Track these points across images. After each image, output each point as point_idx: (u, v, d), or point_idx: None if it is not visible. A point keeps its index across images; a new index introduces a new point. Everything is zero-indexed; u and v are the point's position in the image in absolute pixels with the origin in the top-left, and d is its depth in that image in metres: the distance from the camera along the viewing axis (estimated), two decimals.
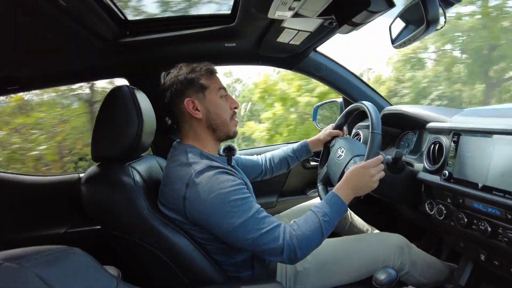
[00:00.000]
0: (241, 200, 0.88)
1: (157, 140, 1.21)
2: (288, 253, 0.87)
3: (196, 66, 1.03)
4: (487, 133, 0.90)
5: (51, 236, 1.48)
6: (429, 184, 1.09)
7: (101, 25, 1.06)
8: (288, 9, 0.90)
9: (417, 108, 1.31)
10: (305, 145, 1.43)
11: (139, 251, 0.94)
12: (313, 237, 0.90)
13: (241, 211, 0.87)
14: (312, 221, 0.92)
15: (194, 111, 1.00)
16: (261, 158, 1.42)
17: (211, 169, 0.91)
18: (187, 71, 1.01)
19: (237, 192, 0.89)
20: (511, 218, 0.81)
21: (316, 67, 1.62)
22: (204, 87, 1.01)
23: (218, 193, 0.87)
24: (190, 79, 1.00)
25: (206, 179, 0.88)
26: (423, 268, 1.12)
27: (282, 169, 1.43)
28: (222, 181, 0.89)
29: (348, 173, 1.01)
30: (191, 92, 1.00)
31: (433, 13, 0.83)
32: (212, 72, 1.04)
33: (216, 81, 1.04)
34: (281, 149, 1.45)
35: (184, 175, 0.91)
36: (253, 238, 0.86)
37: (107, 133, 0.99)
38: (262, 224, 0.88)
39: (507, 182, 0.81)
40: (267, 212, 0.93)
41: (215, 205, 0.86)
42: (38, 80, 1.46)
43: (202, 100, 1.01)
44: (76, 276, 0.58)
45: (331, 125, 1.44)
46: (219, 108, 1.03)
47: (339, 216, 0.96)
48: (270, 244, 0.86)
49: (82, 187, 0.97)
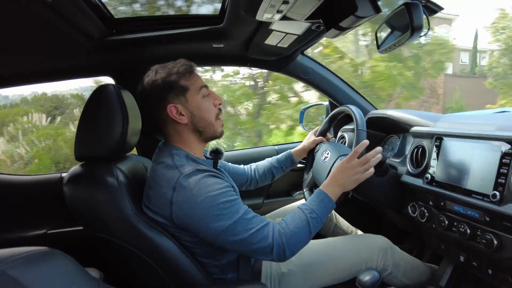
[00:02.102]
0: (229, 202, 0.88)
1: (142, 140, 1.20)
2: (277, 251, 0.87)
3: (172, 67, 0.97)
4: (467, 138, 0.93)
5: (31, 237, 1.43)
6: (412, 187, 1.11)
7: (87, 23, 1.04)
8: (276, 11, 0.90)
9: (402, 112, 1.34)
10: (290, 155, 1.43)
11: (122, 253, 0.93)
12: (301, 234, 0.90)
13: (230, 213, 0.86)
14: (299, 219, 0.92)
15: (179, 116, 0.96)
16: (247, 168, 1.41)
17: (199, 173, 0.89)
18: (164, 75, 0.95)
19: (225, 194, 0.88)
20: (489, 221, 0.83)
21: (304, 70, 1.63)
22: (185, 89, 0.96)
23: (206, 196, 0.86)
24: (168, 83, 0.95)
25: (193, 183, 0.87)
26: (406, 269, 1.14)
27: (266, 179, 1.43)
28: (209, 184, 0.88)
29: (333, 171, 1.02)
30: (172, 96, 0.95)
31: (418, 20, 0.85)
32: (190, 71, 0.99)
33: (196, 80, 1.00)
34: (266, 160, 1.45)
35: (171, 178, 0.89)
36: (242, 239, 0.86)
37: (91, 132, 0.97)
38: (251, 224, 0.87)
39: (486, 185, 0.83)
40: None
41: (203, 208, 0.85)
42: (21, 77, 1.42)
43: (185, 104, 0.97)
44: (56, 278, 0.57)
45: (314, 131, 1.47)
46: (203, 110, 0.99)
47: (326, 213, 0.96)
48: (260, 243, 0.86)
49: (65, 187, 0.95)
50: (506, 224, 0.79)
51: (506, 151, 0.80)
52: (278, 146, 1.85)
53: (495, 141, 0.84)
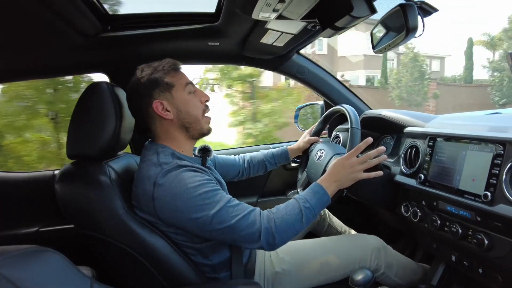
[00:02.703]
0: (211, 192, 0.87)
1: (136, 137, 1.19)
2: (266, 236, 0.86)
3: (158, 65, 0.98)
4: (460, 139, 0.94)
5: (23, 235, 1.42)
6: (405, 187, 1.11)
7: (82, 19, 1.03)
8: (272, 10, 0.90)
9: (396, 112, 1.35)
10: (285, 151, 1.44)
11: (114, 252, 0.92)
12: (292, 221, 0.90)
13: (213, 202, 0.86)
14: (292, 206, 0.92)
15: (164, 112, 0.96)
16: (238, 158, 1.42)
17: (179, 168, 0.89)
18: (150, 72, 0.96)
19: (205, 185, 0.88)
20: (480, 221, 0.84)
21: (299, 69, 1.63)
22: (170, 86, 0.97)
23: (186, 187, 0.86)
24: (153, 80, 0.95)
25: (173, 176, 0.87)
26: (398, 269, 1.15)
27: (259, 171, 1.44)
28: (190, 176, 0.88)
29: (330, 167, 1.03)
30: (157, 93, 0.96)
31: (413, 21, 0.85)
32: (175, 69, 1.00)
33: (182, 77, 1.00)
34: (261, 152, 1.46)
35: (152, 174, 0.89)
36: (229, 226, 0.85)
37: (84, 130, 0.96)
38: (237, 211, 0.87)
39: (478, 186, 0.84)
40: None
41: (185, 200, 0.85)
42: (14, 74, 1.41)
43: (171, 100, 0.97)
44: (48, 276, 0.56)
45: (309, 131, 1.47)
46: (189, 106, 0.99)
47: (320, 204, 0.96)
48: (247, 229, 0.86)
49: (57, 185, 0.94)
50: (497, 224, 0.80)
51: (497, 152, 0.81)
52: (273, 145, 1.85)
53: (487, 142, 0.85)
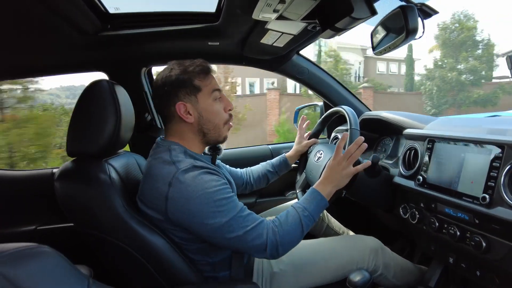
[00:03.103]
0: (226, 200, 0.87)
1: (135, 137, 1.19)
2: (271, 249, 0.88)
3: (189, 65, 0.96)
4: (459, 141, 0.94)
5: (21, 233, 1.41)
6: (404, 188, 1.12)
7: (82, 18, 1.03)
8: (273, 11, 0.90)
9: (395, 114, 1.35)
10: (284, 159, 1.44)
11: (113, 250, 0.92)
12: (294, 232, 0.91)
13: (226, 210, 0.86)
14: (292, 217, 0.93)
15: (186, 115, 0.95)
16: (242, 172, 1.41)
17: (195, 169, 0.89)
18: (180, 71, 0.95)
19: (222, 191, 0.88)
20: (478, 223, 0.85)
21: (299, 70, 1.63)
22: (197, 89, 0.96)
23: (203, 192, 0.85)
24: (182, 80, 0.94)
25: (190, 179, 0.87)
26: (396, 270, 1.15)
27: (261, 184, 1.43)
28: (206, 181, 0.87)
29: (324, 170, 1.03)
30: (183, 94, 0.95)
31: (413, 23, 0.85)
32: (206, 72, 0.98)
33: (211, 82, 0.99)
34: (260, 164, 1.45)
35: (167, 174, 0.88)
36: (238, 236, 0.86)
37: (84, 128, 0.96)
38: (247, 222, 0.88)
39: (476, 188, 0.84)
40: None
41: (199, 204, 0.85)
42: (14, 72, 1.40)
43: (195, 104, 0.96)
44: (45, 275, 0.56)
45: (306, 135, 1.47)
46: (212, 114, 0.99)
47: (319, 210, 0.96)
48: (255, 241, 0.87)
49: (56, 183, 0.93)
50: (495, 227, 0.80)
51: (496, 155, 0.81)
52: (272, 146, 1.85)
53: (486, 145, 0.85)
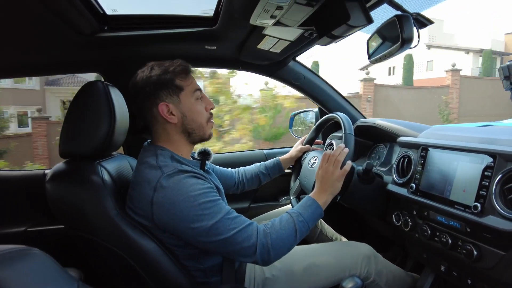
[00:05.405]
0: (211, 203, 0.87)
1: (129, 139, 1.18)
2: (261, 252, 0.86)
3: (169, 65, 0.95)
4: (452, 149, 0.95)
5: (9, 235, 1.39)
6: (397, 196, 1.12)
7: (79, 18, 1.02)
8: (270, 17, 0.90)
9: (390, 122, 1.36)
10: (278, 162, 1.43)
11: (104, 253, 0.91)
12: (287, 236, 0.90)
13: (212, 213, 0.85)
14: (286, 221, 0.92)
15: (169, 115, 0.95)
16: (234, 171, 1.40)
17: (181, 173, 0.88)
18: (161, 71, 0.94)
19: (206, 195, 0.87)
20: (469, 231, 0.85)
21: (295, 76, 1.64)
22: (180, 89, 0.95)
23: (187, 196, 0.85)
24: (163, 81, 0.93)
25: (174, 183, 0.86)
26: (388, 277, 1.15)
27: (253, 185, 1.42)
28: (191, 184, 0.87)
29: (315, 182, 1.04)
30: (165, 95, 0.94)
31: (408, 32, 0.86)
32: (187, 72, 0.98)
33: (192, 82, 0.99)
34: (254, 165, 1.45)
35: (152, 178, 0.88)
36: (225, 239, 0.85)
37: (77, 129, 0.95)
38: (234, 224, 0.87)
39: (468, 197, 0.85)
40: None
41: (184, 208, 0.84)
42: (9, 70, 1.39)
43: (177, 104, 0.95)
44: (33, 277, 0.55)
45: (302, 140, 1.48)
46: (195, 113, 0.98)
47: (314, 218, 0.96)
48: (243, 243, 0.86)
49: (47, 184, 0.92)
50: (486, 235, 0.80)
51: (488, 164, 0.82)
52: (266, 151, 1.85)
53: (478, 154, 0.86)
